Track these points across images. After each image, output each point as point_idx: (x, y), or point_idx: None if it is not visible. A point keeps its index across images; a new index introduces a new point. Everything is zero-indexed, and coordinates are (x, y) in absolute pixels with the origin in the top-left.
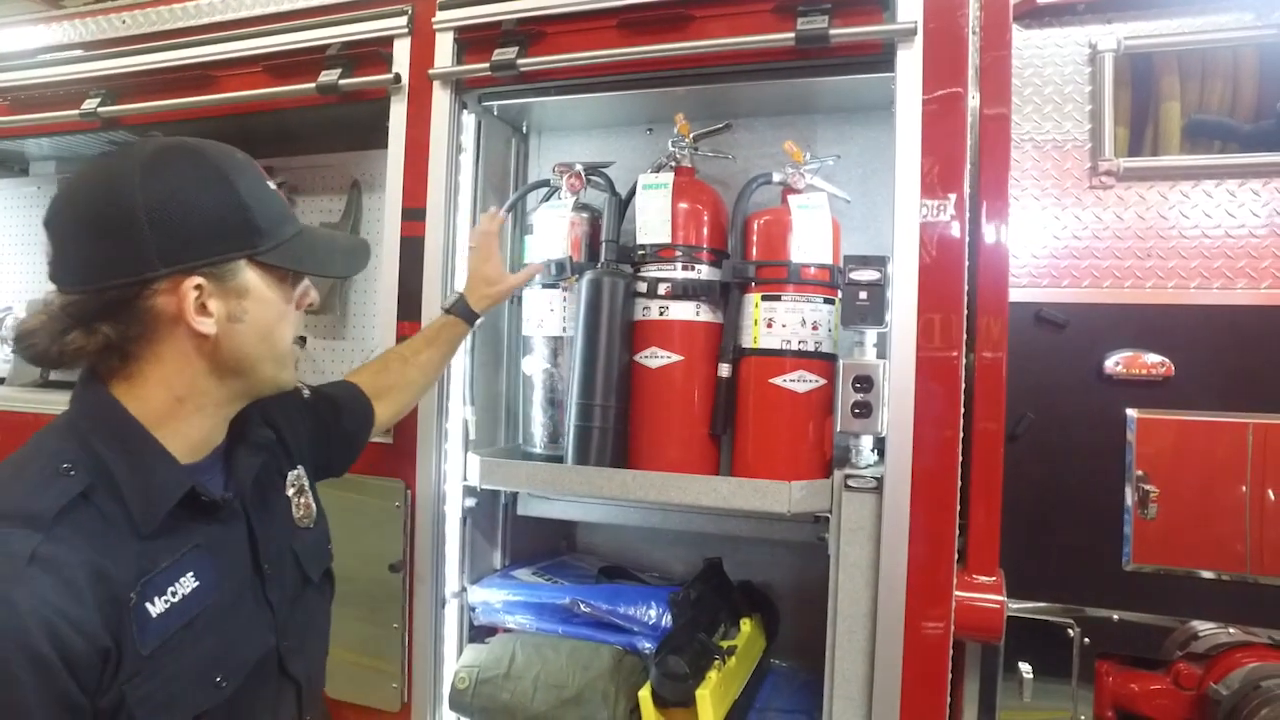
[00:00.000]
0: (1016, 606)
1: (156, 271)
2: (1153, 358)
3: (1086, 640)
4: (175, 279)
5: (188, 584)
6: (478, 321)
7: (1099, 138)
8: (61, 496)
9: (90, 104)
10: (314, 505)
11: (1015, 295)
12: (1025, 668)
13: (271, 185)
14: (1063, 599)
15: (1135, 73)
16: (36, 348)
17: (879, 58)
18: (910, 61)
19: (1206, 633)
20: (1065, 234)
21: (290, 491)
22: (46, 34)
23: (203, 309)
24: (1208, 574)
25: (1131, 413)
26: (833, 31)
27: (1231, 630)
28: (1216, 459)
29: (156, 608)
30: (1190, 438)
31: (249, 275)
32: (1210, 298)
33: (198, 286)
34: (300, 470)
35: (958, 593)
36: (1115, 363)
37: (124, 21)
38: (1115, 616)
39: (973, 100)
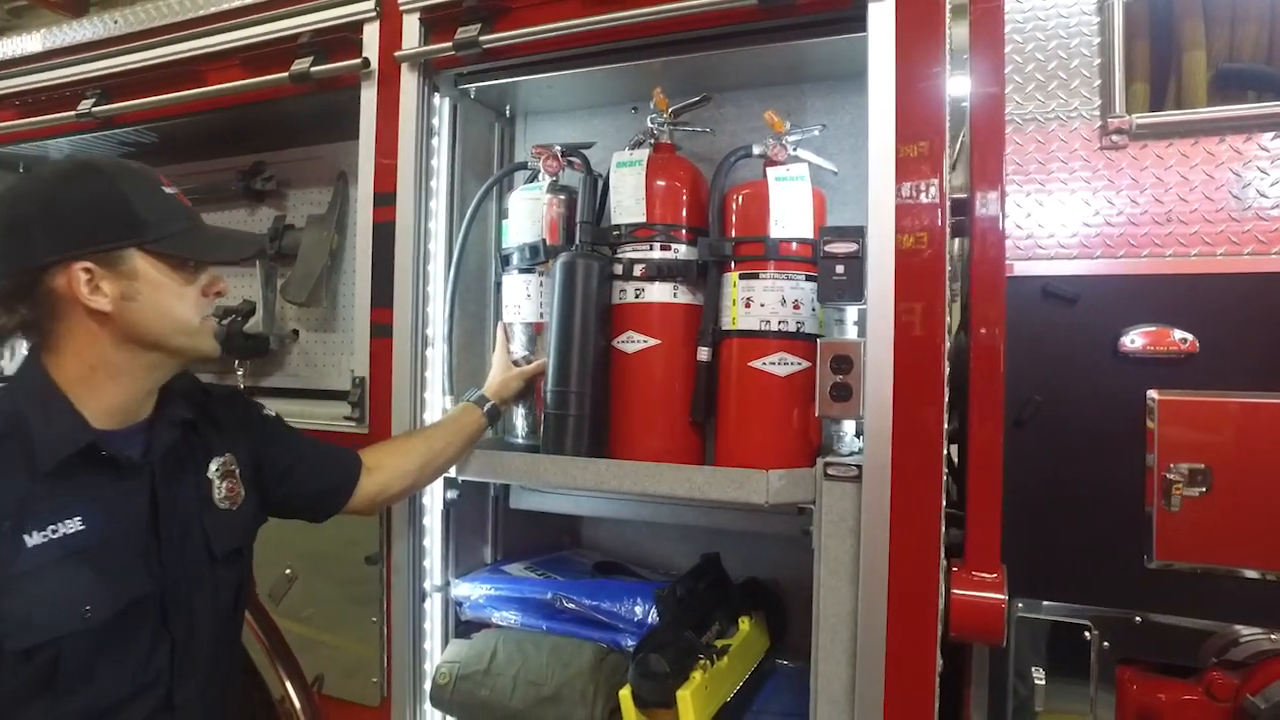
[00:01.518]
0: (1025, 606)
1: (46, 259)
2: (1175, 333)
3: (1106, 644)
4: (65, 265)
5: (73, 525)
6: (495, 415)
7: (1109, 94)
8: None
9: (85, 104)
10: (242, 492)
11: (1020, 268)
12: (1038, 673)
13: (168, 190)
14: (1078, 599)
15: (1155, 22)
16: None
17: (850, 13)
18: (883, 16)
19: (1248, 639)
20: (1074, 200)
21: (213, 473)
22: (51, 38)
23: (96, 289)
24: (1243, 572)
25: (1153, 394)
26: None
27: (1275, 636)
28: (1249, 443)
29: (34, 539)
30: (1219, 420)
31: (138, 261)
32: (1239, 265)
33: (86, 269)
34: (230, 457)
35: (955, 590)
36: (1132, 340)
37: (116, 21)
38: (1137, 618)
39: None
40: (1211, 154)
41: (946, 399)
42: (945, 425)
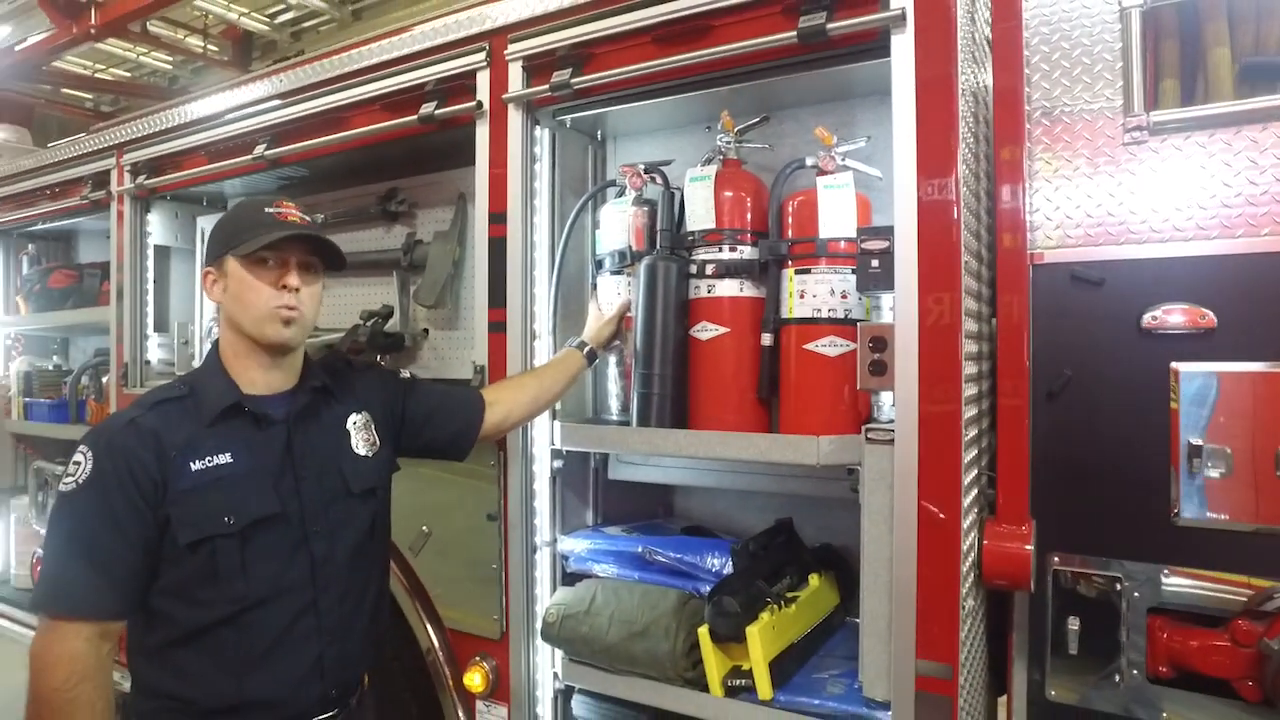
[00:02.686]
0: (1061, 560)
1: (203, 271)
2: (1193, 309)
3: (1136, 595)
4: (205, 273)
5: (224, 459)
6: (592, 358)
7: (1129, 94)
8: (164, 395)
9: (260, 149)
10: (377, 442)
11: (1050, 256)
12: (1073, 621)
13: (269, 210)
14: (1111, 554)
15: (1183, 22)
16: None
17: (877, 44)
18: (904, 45)
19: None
20: (1099, 193)
21: (351, 426)
22: (231, 98)
23: (213, 286)
24: (1261, 529)
25: (1175, 365)
26: (829, 26)
27: None
28: (1266, 410)
29: (196, 465)
30: (1238, 389)
31: (231, 264)
32: (1256, 246)
33: (208, 273)
34: (366, 415)
35: (986, 541)
36: (1154, 316)
37: (280, 80)
38: (1165, 572)
39: (985, 72)
40: (1228, 144)
41: (964, 374)
42: (963, 396)
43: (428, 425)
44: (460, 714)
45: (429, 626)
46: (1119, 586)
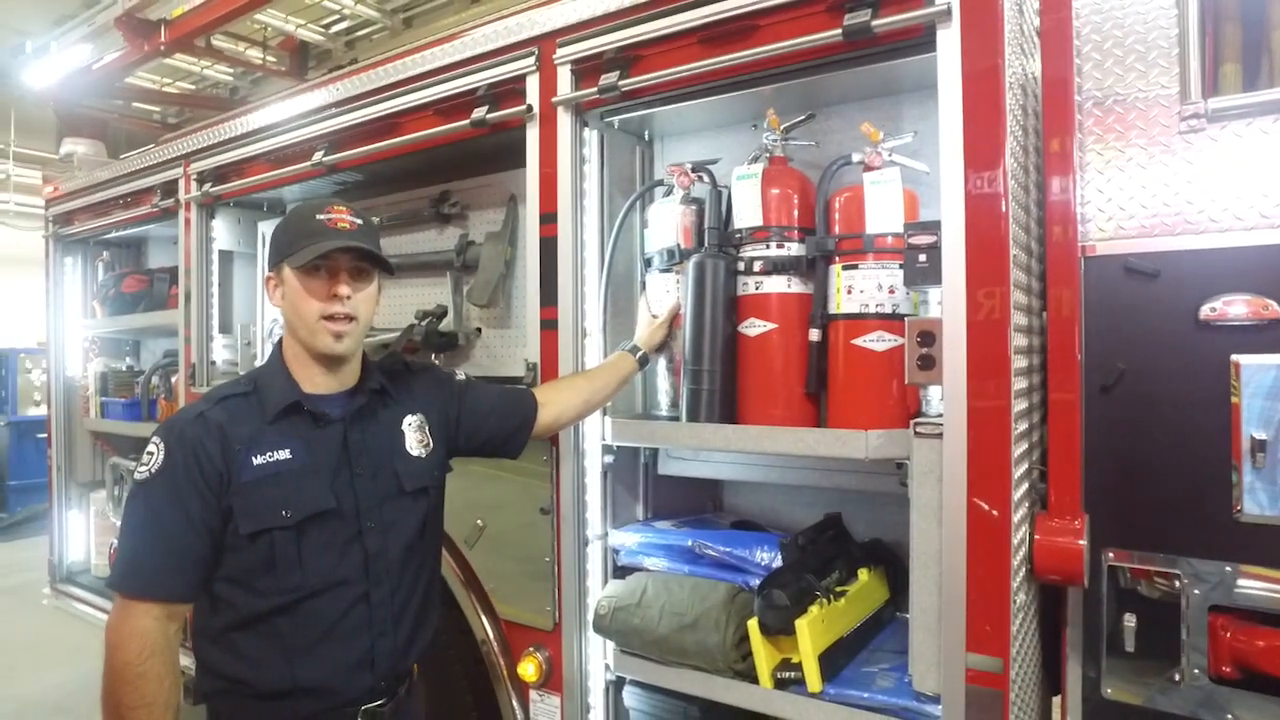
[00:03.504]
0: (1115, 556)
1: (266, 276)
2: (1256, 300)
3: (1196, 593)
4: (267, 278)
5: (283, 454)
6: (644, 361)
7: (1185, 81)
8: (230, 391)
9: (318, 156)
10: (431, 443)
11: (1103, 248)
12: (1129, 618)
13: (320, 217)
14: (1169, 549)
15: (1245, 4)
16: None
17: (923, 39)
18: (949, 40)
19: None
20: (1154, 183)
21: (406, 427)
22: (289, 107)
23: (273, 292)
24: None
25: (1236, 358)
26: (875, 23)
27: None
28: None
29: (258, 459)
30: None
31: (287, 271)
32: None
33: (269, 278)
34: (421, 417)
35: (1037, 535)
36: (1212, 308)
37: (337, 89)
38: (1227, 569)
39: (1033, 63)
40: None
41: (1014, 368)
42: (1013, 390)
43: (483, 425)
44: (515, 704)
45: (484, 618)
46: (1178, 584)
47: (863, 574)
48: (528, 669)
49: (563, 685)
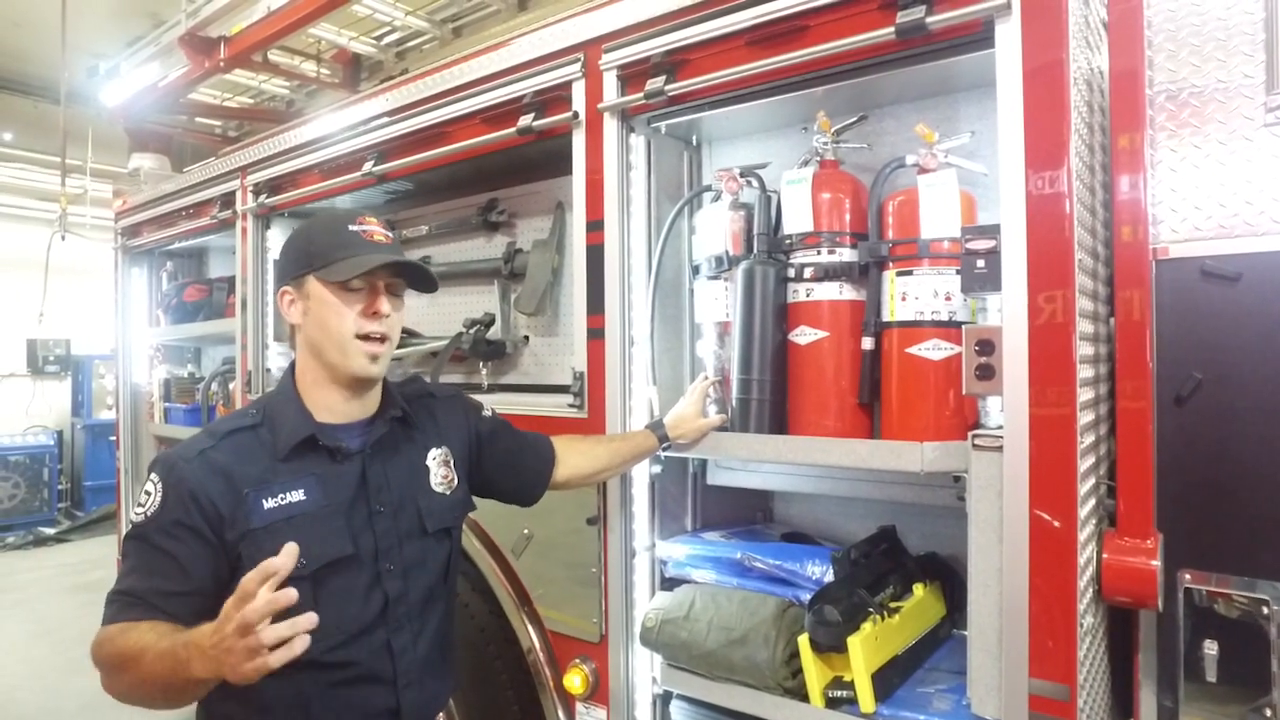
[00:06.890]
0: (1193, 578)
1: (276, 289)
2: None
3: None
4: (280, 291)
5: (296, 495)
6: (665, 445)
7: (1273, 70)
8: (237, 424)
9: (368, 166)
10: (455, 480)
11: (1176, 250)
12: (1210, 645)
13: (353, 228)
14: (1254, 573)
15: None
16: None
17: (980, 35)
18: (1009, 35)
19: None
20: (1234, 180)
21: (431, 461)
22: (340, 119)
23: (291, 307)
24: None
25: None
26: (929, 19)
27: None
28: None
29: (269, 503)
30: None
31: (313, 284)
32: None
33: (285, 292)
34: (446, 450)
35: (1106, 555)
36: None
37: (386, 100)
38: None
39: (1099, 56)
40: None
41: (1080, 377)
42: (1078, 400)
43: (500, 471)
44: (560, 715)
45: (530, 627)
46: (1266, 610)
47: (918, 589)
48: (574, 681)
49: (609, 698)
